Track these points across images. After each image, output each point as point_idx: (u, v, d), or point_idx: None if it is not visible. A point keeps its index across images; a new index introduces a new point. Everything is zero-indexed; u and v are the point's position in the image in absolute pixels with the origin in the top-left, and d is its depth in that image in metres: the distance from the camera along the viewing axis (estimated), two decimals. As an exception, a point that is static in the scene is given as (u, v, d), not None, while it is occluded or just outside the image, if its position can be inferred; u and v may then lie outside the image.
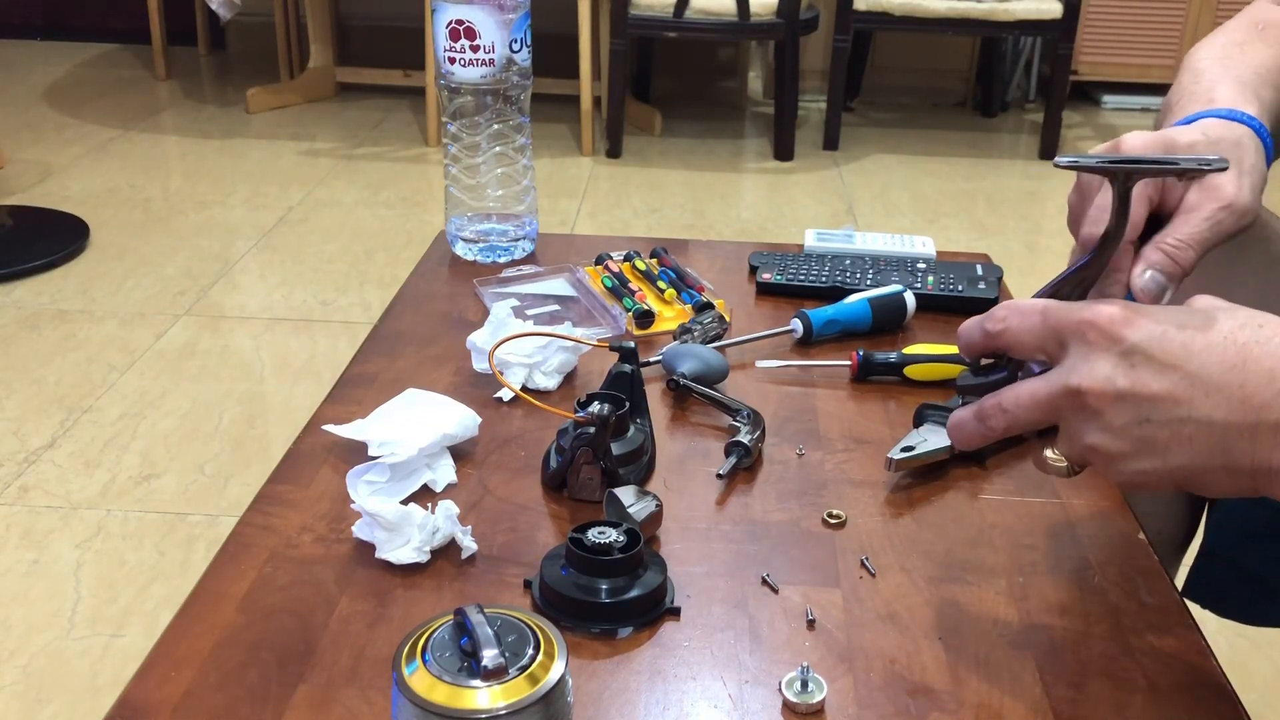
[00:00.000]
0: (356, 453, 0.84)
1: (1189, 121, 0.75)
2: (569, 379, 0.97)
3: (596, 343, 0.95)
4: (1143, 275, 0.68)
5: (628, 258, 1.18)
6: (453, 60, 1.13)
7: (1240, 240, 0.89)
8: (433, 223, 2.91)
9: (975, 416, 0.63)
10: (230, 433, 2.00)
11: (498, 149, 1.18)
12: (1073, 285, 0.66)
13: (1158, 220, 0.71)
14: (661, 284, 1.12)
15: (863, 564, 0.75)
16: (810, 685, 0.64)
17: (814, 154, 3.62)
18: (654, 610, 0.70)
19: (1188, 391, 0.57)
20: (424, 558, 0.73)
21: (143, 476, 1.86)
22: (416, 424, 0.84)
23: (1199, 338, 0.57)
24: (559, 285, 1.15)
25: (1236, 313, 0.58)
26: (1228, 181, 0.69)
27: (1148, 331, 0.57)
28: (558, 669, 0.53)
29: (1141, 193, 0.69)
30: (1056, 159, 0.64)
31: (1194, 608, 0.77)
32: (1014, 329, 0.62)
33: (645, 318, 1.06)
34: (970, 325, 0.64)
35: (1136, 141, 0.71)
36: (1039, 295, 0.66)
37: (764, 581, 0.73)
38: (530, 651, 0.54)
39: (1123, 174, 0.63)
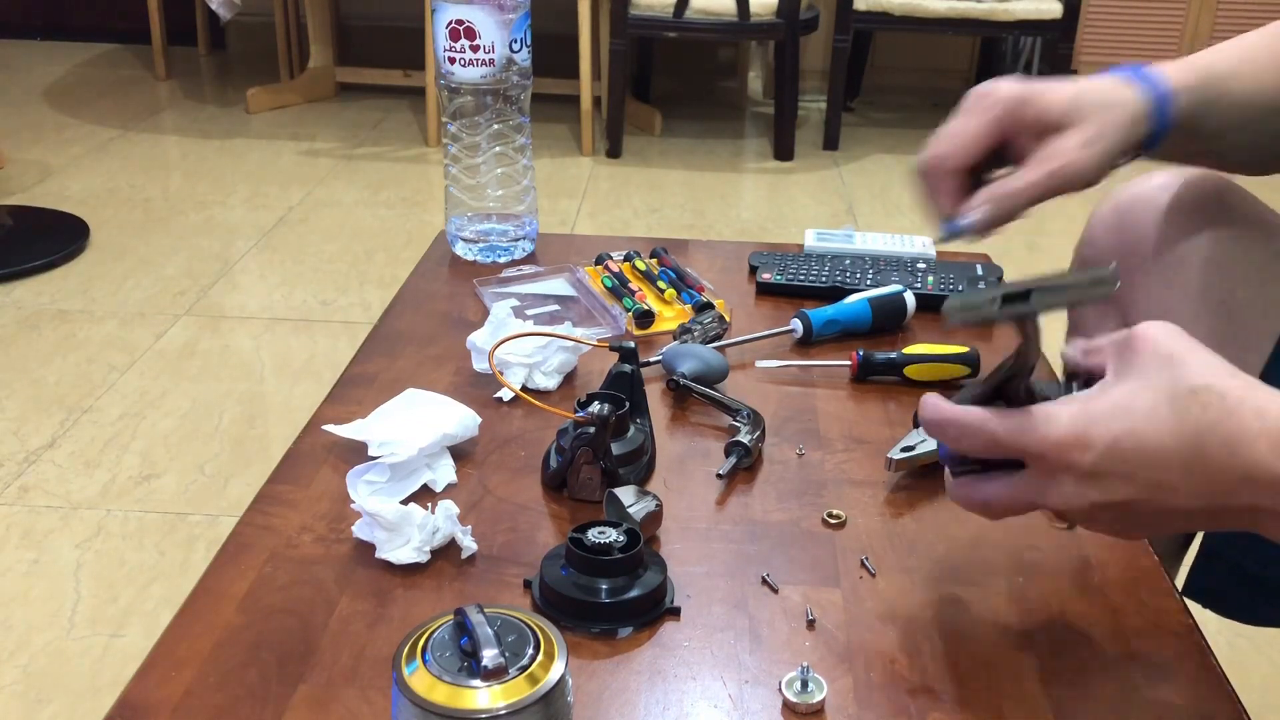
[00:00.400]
0: (356, 453, 0.84)
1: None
2: (569, 379, 0.97)
3: (596, 343, 0.95)
4: (967, 218, 0.72)
5: (628, 258, 1.18)
6: (453, 60, 1.13)
7: (1242, 237, 0.89)
8: (433, 223, 2.91)
9: (964, 504, 0.65)
10: (230, 433, 2.00)
11: (498, 149, 1.18)
12: (1004, 382, 0.63)
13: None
14: (661, 284, 1.12)
15: (863, 564, 0.75)
16: (810, 685, 0.64)
17: (814, 154, 3.62)
18: (654, 610, 0.70)
19: (1156, 493, 0.58)
20: (424, 558, 0.73)
21: (143, 476, 1.86)
22: (416, 424, 0.84)
23: (1150, 441, 0.57)
24: (559, 285, 1.15)
25: (1177, 391, 0.57)
26: (1073, 145, 0.70)
27: (1100, 450, 0.57)
28: (558, 669, 0.53)
29: (987, 129, 0.72)
30: (945, 307, 0.60)
31: (1194, 608, 0.77)
32: (967, 450, 0.63)
33: (645, 318, 1.06)
34: (931, 422, 0.63)
35: (1005, 88, 0.73)
36: (974, 397, 0.63)
37: (764, 581, 0.73)
38: (530, 651, 0.54)
39: (1022, 316, 0.60)
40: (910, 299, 1.08)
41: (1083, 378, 0.63)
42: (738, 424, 0.89)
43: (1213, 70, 0.80)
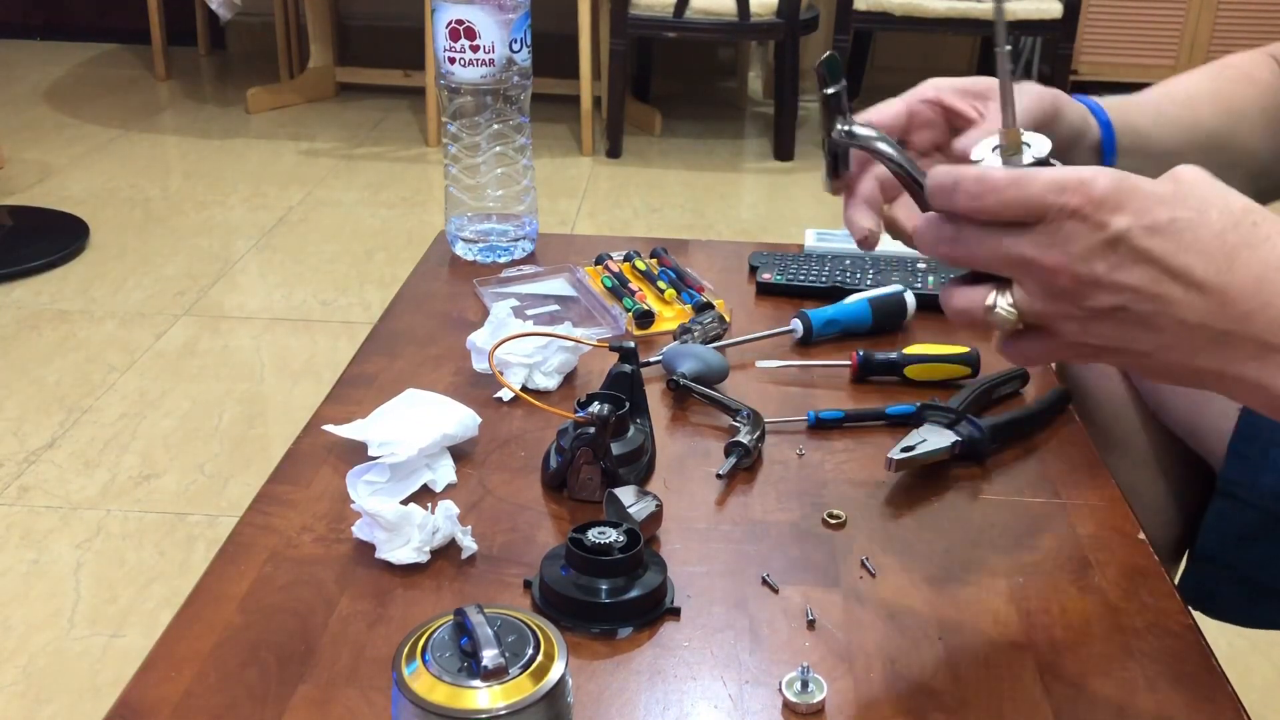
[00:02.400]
0: (356, 453, 0.84)
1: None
2: (569, 379, 0.97)
3: (596, 343, 0.95)
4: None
5: (628, 258, 1.18)
6: (453, 60, 1.13)
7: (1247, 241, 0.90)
8: (433, 223, 2.91)
9: (952, 297, 0.59)
10: (230, 433, 2.00)
11: (498, 149, 1.18)
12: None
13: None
14: (661, 284, 1.12)
15: (863, 564, 0.75)
16: (810, 685, 0.64)
17: (814, 154, 3.62)
18: (654, 610, 0.70)
19: (1167, 288, 0.53)
20: (424, 558, 0.73)
21: (142, 476, 1.86)
22: (416, 424, 0.84)
23: (1187, 233, 0.53)
24: (559, 285, 1.15)
25: (1230, 204, 0.54)
26: (1035, 88, 0.71)
27: (1132, 219, 0.53)
28: (558, 669, 0.53)
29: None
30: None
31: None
32: (984, 209, 0.55)
33: (645, 318, 1.06)
34: (943, 180, 0.57)
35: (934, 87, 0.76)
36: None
37: (764, 582, 0.73)
38: (530, 651, 0.54)
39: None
40: (910, 299, 1.08)
41: None
42: (738, 424, 0.89)
43: (1164, 98, 0.82)
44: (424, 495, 0.81)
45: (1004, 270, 0.56)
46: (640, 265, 1.17)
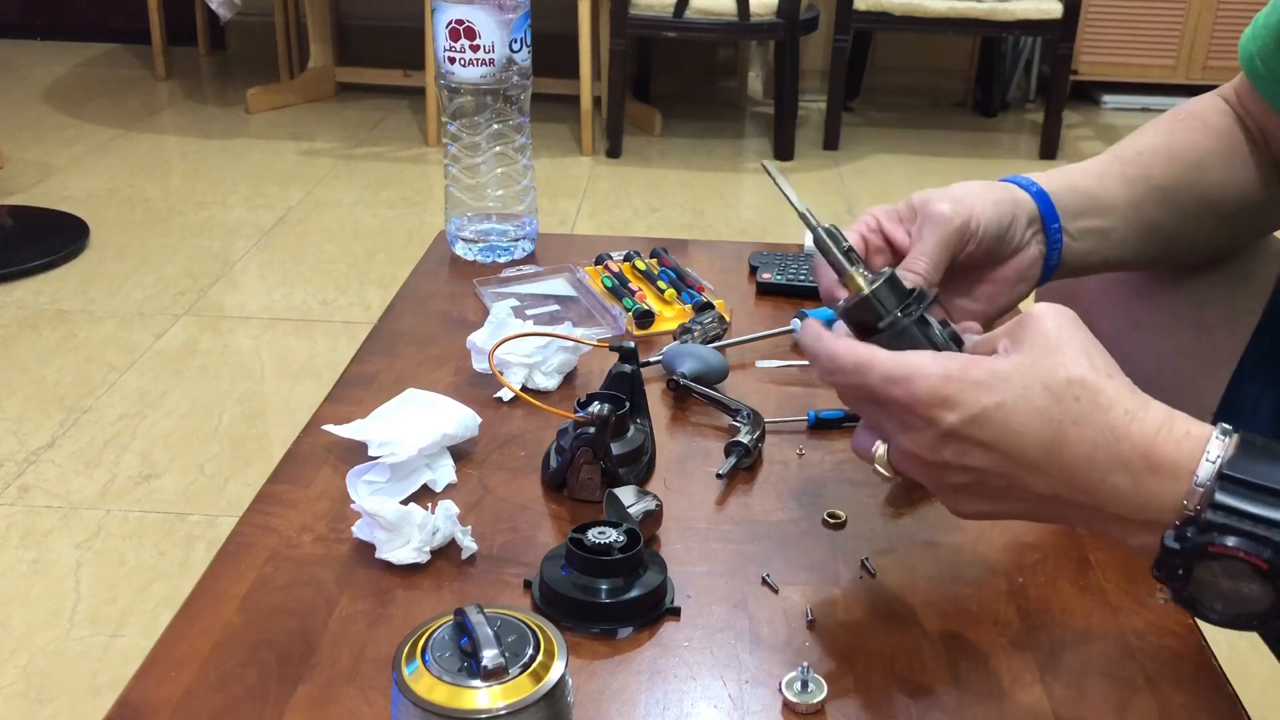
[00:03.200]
0: (356, 453, 0.84)
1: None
2: (569, 379, 0.97)
3: (596, 343, 0.95)
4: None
5: (628, 258, 1.18)
6: (453, 60, 1.13)
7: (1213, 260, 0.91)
8: (433, 223, 2.91)
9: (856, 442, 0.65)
10: (230, 433, 2.00)
11: (498, 149, 1.18)
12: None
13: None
14: (661, 284, 1.12)
15: (863, 564, 0.75)
16: (810, 685, 0.64)
17: (814, 154, 3.62)
18: (654, 610, 0.70)
19: (1011, 468, 0.58)
20: (424, 558, 0.73)
21: (143, 476, 1.86)
22: (416, 424, 0.84)
23: (1014, 418, 0.57)
24: (559, 285, 1.15)
25: (1055, 378, 0.57)
26: (941, 209, 0.72)
27: (959, 414, 0.57)
28: (558, 669, 0.53)
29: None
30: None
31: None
32: (837, 385, 0.63)
33: (645, 318, 1.06)
34: (808, 349, 0.64)
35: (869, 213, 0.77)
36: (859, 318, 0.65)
37: (764, 582, 0.73)
38: (530, 651, 0.54)
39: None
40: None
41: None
42: (738, 424, 0.89)
43: (1110, 165, 0.82)
44: (424, 495, 0.81)
45: (878, 433, 0.63)
46: (640, 265, 1.17)
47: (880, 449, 0.63)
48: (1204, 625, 0.73)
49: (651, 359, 0.98)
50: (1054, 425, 0.56)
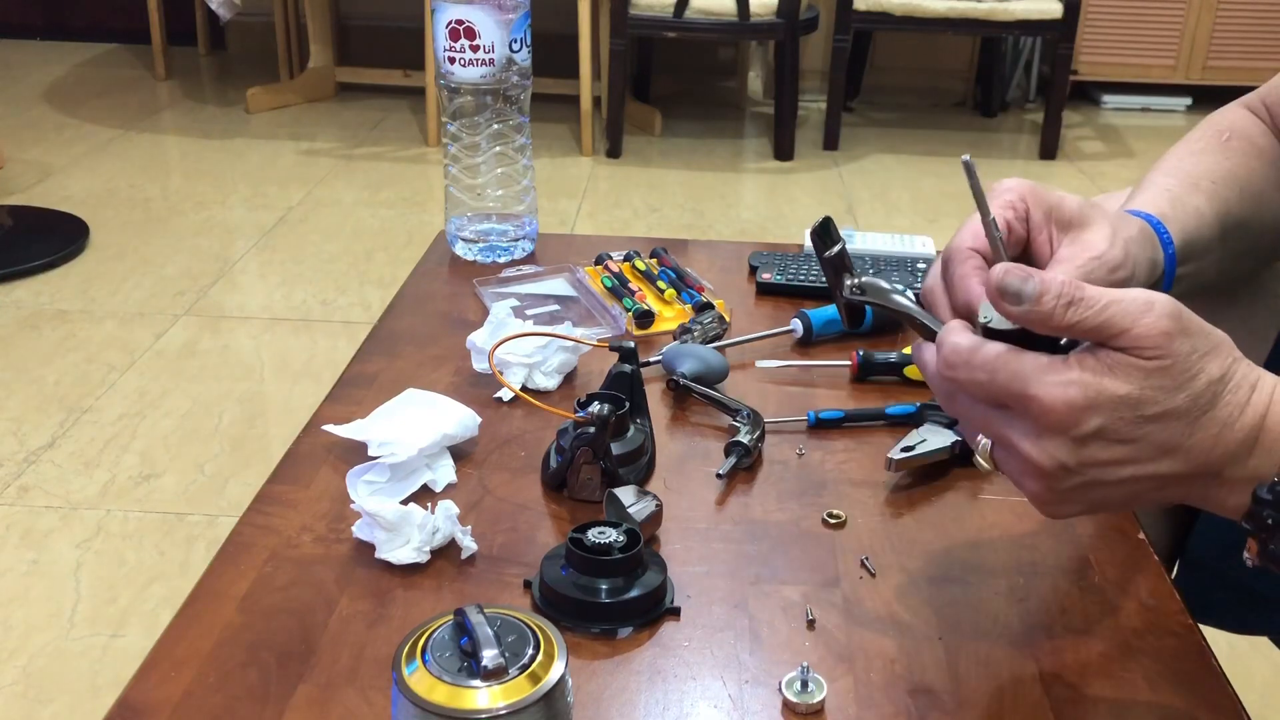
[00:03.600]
0: (356, 453, 0.84)
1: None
2: (569, 379, 0.97)
3: (596, 343, 0.95)
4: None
5: (628, 258, 1.18)
6: (453, 60, 1.13)
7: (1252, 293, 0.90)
8: (433, 223, 2.91)
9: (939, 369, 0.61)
10: (230, 433, 2.00)
11: (498, 149, 1.18)
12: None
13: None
14: (661, 284, 1.12)
15: (863, 564, 0.75)
16: (810, 685, 0.64)
17: (814, 154, 3.62)
18: (654, 610, 0.70)
19: (1136, 455, 0.57)
20: (424, 558, 0.73)
21: (142, 476, 1.86)
22: (416, 424, 0.84)
23: (1153, 412, 0.56)
24: (559, 285, 1.15)
25: (1194, 382, 0.56)
26: (1100, 238, 0.68)
27: (1102, 420, 0.56)
28: (558, 669, 0.53)
29: (1005, 218, 0.69)
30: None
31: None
32: (963, 383, 0.60)
33: (645, 318, 1.06)
34: (925, 361, 0.63)
35: (1019, 181, 0.70)
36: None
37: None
38: (530, 651, 0.54)
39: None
40: (911, 299, 1.08)
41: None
42: (738, 424, 0.89)
43: (1189, 190, 0.78)
44: (424, 495, 0.81)
45: (991, 438, 0.61)
46: (640, 265, 1.17)
47: (984, 442, 0.62)
48: (1204, 625, 0.73)
49: (651, 359, 0.98)
50: (1189, 418, 0.56)
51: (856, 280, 0.69)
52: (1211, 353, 0.57)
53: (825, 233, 0.68)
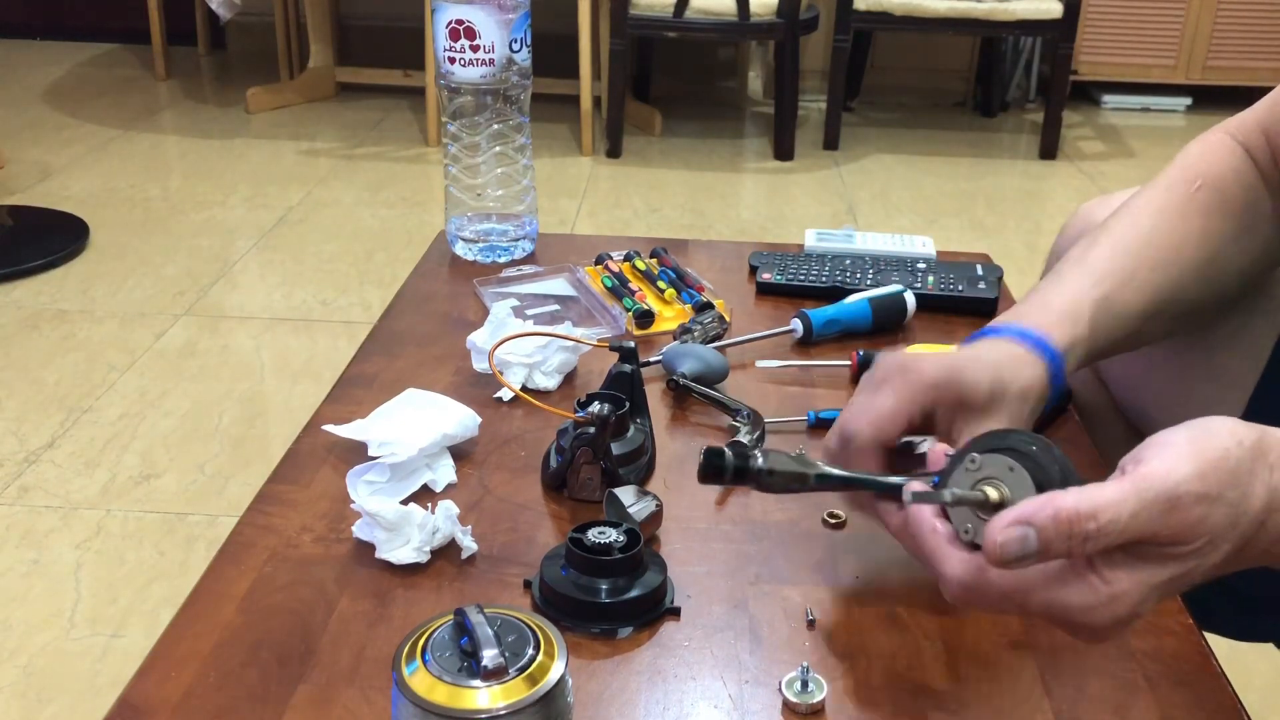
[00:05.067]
0: (356, 453, 0.84)
1: (991, 332, 0.74)
2: (569, 379, 0.97)
3: (596, 343, 0.95)
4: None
5: (628, 258, 1.18)
6: (453, 60, 1.13)
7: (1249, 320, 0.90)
8: (433, 223, 2.91)
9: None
10: (230, 433, 2.00)
11: (498, 149, 1.18)
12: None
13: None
14: (661, 284, 1.12)
15: (862, 564, 0.75)
16: (810, 685, 0.64)
17: (814, 154, 3.62)
18: (654, 610, 0.70)
19: (1190, 585, 0.57)
20: (424, 558, 0.73)
21: (142, 476, 1.86)
22: (416, 424, 0.84)
23: (1207, 566, 0.56)
24: (559, 285, 1.15)
25: (1238, 520, 0.56)
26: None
27: (1157, 595, 0.56)
28: (558, 669, 0.53)
29: (908, 409, 0.69)
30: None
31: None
32: (992, 605, 0.59)
33: (645, 318, 1.06)
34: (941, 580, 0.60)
35: (929, 369, 0.69)
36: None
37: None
38: (530, 651, 0.54)
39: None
40: (910, 299, 1.08)
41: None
42: (738, 424, 0.89)
43: (1095, 306, 0.76)
44: (424, 495, 0.81)
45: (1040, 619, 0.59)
46: (640, 265, 1.17)
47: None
48: (1206, 633, 0.73)
49: (651, 359, 0.98)
50: (1243, 542, 0.56)
51: (766, 465, 0.67)
52: (1249, 486, 0.56)
53: (712, 468, 0.67)
